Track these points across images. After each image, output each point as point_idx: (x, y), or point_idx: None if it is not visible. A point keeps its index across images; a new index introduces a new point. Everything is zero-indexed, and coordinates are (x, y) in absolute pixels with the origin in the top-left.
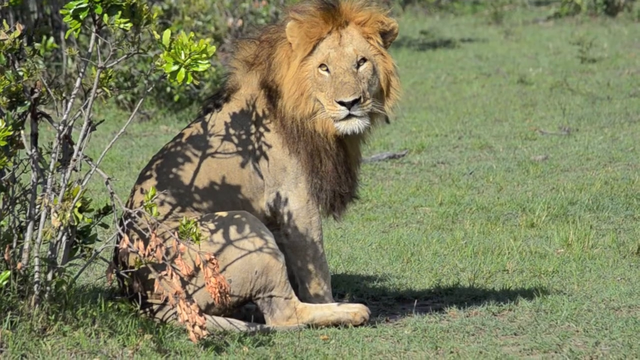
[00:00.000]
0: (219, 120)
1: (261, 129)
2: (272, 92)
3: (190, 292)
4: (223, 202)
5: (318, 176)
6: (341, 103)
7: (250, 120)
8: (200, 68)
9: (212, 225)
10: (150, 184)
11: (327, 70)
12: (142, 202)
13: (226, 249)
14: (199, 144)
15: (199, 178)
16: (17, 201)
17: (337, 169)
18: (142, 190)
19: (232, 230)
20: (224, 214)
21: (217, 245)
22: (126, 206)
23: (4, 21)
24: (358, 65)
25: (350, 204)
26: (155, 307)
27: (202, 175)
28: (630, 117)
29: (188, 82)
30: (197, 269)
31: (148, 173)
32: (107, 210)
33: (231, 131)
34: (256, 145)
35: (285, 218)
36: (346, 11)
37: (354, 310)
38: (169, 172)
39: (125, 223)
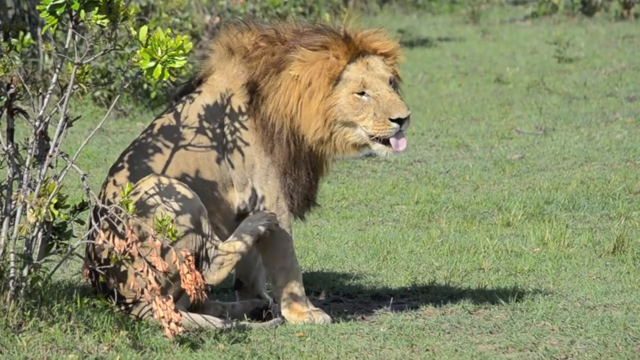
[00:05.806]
0: (191, 111)
1: (235, 125)
2: (256, 96)
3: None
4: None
5: (292, 178)
6: (397, 120)
7: (224, 114)
8: (177, 64)
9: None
10: (122, 176)
11: (364, 94)
12: (114, 194)
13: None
14: (172, 135)
15: (170, 170)
16: None
17: (310, 175)
18: (114, 182)
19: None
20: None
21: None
22: (99, 198)
23: None
24: (393, 86)
25: (314, 209)
26: (129, 303)
27: (173, 167)
28: (606, 117)
29: (165, 79)
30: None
31: (120, 165)
32: (83, 206)
33: (205, 124)
34: (229, 140)
35: None
36: (363, 41)
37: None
38: (140, 164)
39: (102, 219)
